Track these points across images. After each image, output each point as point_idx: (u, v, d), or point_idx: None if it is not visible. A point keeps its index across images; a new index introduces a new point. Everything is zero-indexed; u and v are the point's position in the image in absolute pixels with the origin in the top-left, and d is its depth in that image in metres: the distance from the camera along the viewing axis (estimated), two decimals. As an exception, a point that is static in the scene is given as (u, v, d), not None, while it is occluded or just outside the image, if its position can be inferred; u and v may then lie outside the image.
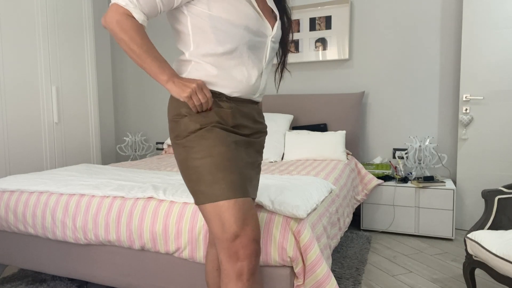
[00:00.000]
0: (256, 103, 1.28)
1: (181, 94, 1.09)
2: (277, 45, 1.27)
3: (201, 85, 1.10)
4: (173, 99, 1.18)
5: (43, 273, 2.30)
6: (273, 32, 1.22)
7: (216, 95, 1.16)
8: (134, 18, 1.07)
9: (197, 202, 1.11)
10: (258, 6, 1.19)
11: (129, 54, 1.07)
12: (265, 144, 3.10)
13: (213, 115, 1.15)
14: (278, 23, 1.24)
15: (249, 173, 1.23)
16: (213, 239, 1.35)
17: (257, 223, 1.12)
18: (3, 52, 2.81)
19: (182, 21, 1.13)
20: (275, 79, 1.38)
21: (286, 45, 1.34)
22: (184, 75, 1.17)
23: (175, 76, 1.10)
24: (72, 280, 2.18)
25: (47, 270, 1.97)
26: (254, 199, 1.34)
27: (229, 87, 1.16)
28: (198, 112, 1.13)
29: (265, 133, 1.34)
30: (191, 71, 1.15)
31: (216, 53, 1.13)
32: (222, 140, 1.13)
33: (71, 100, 3.38)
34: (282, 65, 1.37)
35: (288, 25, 1.32)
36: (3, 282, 2.18)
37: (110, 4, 1.07)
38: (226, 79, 1.15)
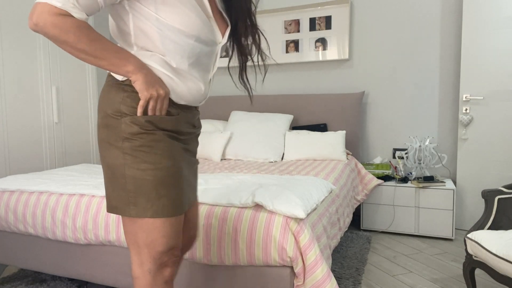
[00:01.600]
0: (197, 107, 1.22)
1: (147, 90, 0.98)
2: (223, 51, 1.21)
3: (167, 95, 1.03)
4: (112, 91, 1.05)
5: (43, 273, 2.30)
6: (224, 40, 1.15)
7: None
8: (72, 16, 0.91)
9: (126, 214, 1.04)
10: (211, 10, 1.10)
11: (79, 55, 0.93)
12: (264, 144, 3.10)
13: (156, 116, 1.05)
14: (228, 30, 1.17)
15: (190, 180, 1.17)
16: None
17: (181, 241, 1.15)
18: (3, 52, 2.81)
19: (124, 18, 1.01)
20: (241, 86, 1.33)
21: (244, 50, 1.26)
22: None
23: (143, 67, 0.99)
24: (72, 280, 2.18)
25: (47, 270, 1.97)
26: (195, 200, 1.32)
27: (176, 96, 1.08)
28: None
29: (199, 134, 1.28)
30: None
31: (162, 61, 1.03)
32: (169, 152, 1.05)
33: (71, 100, 3.38)
34: (243, 72, 1.29)
35: (251, 28, 1.24)
36: (3, 282, 2.18)
37: (36, 3, 0.89)
38: (174, 88, 1.07)
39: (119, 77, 1.04)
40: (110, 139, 1.04)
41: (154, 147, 1.03)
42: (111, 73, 1.07)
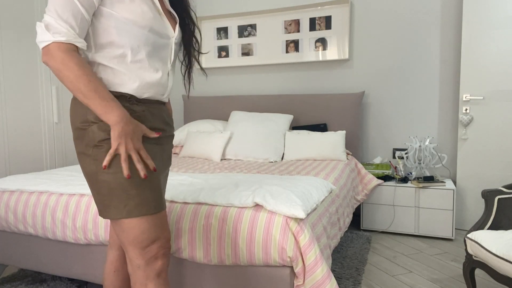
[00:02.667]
0: (164, 103, 1.27)
1: (116, 140, 1.03)
2: (178, 47, 1.27)
3: (136, 150, 1.06)
4: (78, 103, 1.11)
5: (43, 273, 2.30)
6: (175, 33, 1.22)
7: (126, 99, 1.11)
8: (77, 52, 1.03)
9: (107, 216, 1.10)
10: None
11: (73, 91, 1.02)
12: (264, 144, 3.10)
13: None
14: (178, 25, 1.24)
15: (163, 182, 1.21)
16: (114, 242, 1.36)
17: (169, 228, 1.19)
18: (3, 52, 2.81)
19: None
20: (184, 84, 1.36)
21: (190, 48, 1.31)
22: None
23: (123, 119, 1.04)
24: (72, 280, 2.18)
25: (47, 270, 1.97)
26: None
27: (138, 88, 1.13)
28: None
29: (173, 136, 1.32)
30: (98, 74, 1.10)
31: (122, 54, 1.09)
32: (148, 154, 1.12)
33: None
34: (188, 68, 1.34)
35: (191, 28, 1.31)
36: (3, 282, 2.18)
37: (47, 43, 1.00)
38: (135, 80, 1.12)
39: None
40: (83, 149, 1.11)
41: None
42: None
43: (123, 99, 1.11)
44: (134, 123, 1.07)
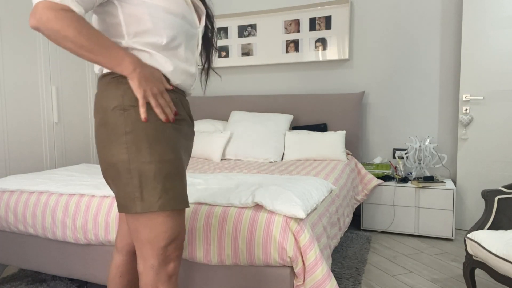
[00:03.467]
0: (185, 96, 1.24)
1: (140, 86, 0.98)
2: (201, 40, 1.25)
3: (163, 91, 1.03)
4: (111, 88, 1.05)
5: (43, 273, 2.30)
6: (201, 24, 1.20)
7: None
8: (73, 11, 0.93)
9: (132, 210, 1.01)
10: None
11: (77, 51, 0.93)
12: (264, 144, 3.10)
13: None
14: (204, 16, 1.22)
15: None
16: (123, 246, 1.29)
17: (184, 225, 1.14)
18: (3, 52, 2.81)
19: (112, 12, 1.03)
20: (201, 80, 1.36)
21: (209, 44, 1.30)
22: None
23: (138, 64, 0.99)
24: (72, 280, 2.18)
25: (47, 270, 1.97)
26: None
27: (173, 72, 1.10)
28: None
29: (194, 134, 1.28)
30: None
31: (157, 42, 1.05)
32: (173, 144, 1.06)
33: (71, 100, 3.38)
34: (208, 64, 1.33)
35: (210, 22, 1.29)
36: (3, 282, 2.18)
37: (36, 2, 0.91)
38: (170, 64, 1.09)
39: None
40: (111, 136, 1.02)
41: (158, 138, 1.02)
42: (107, 71, 1.08)
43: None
44: (149, 66, 1.02)
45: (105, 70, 1.08)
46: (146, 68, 1.01)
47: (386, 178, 3.04)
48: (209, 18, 1.29)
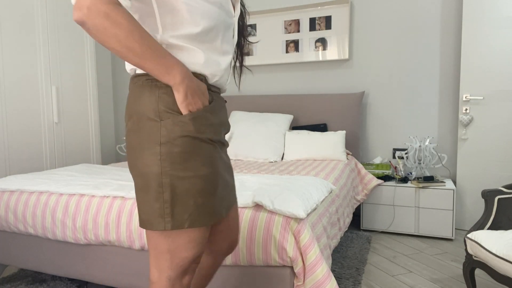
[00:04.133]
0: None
1: (185, 100, 0.93)
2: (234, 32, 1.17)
3: (205, 107, 0.98)
4: (145, 92, 0.96)
5: (43, 273, 2.30)
6: (236, 12, 1.13)
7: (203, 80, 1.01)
8: (122, 6, 0.85)
9: (159, 227, 0.95)
10: None
11: (123, 53, 0.84)
12: (264, 144, 3.10)
13: (200, 117, 0.98)
14: (238, 5, 1.15)
15: (228, 182, 1.09)
16: (218, 250, 1.25)
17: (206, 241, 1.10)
18: (3, 52, 2.81)
19: (146, 2, 0.94)
20: (234, 76, 1.32)
21: (243, 36, 1.23)
22: None
23: (186, 76, 0.92)
24: (72, 280, 2.18)
25: (47, 270, 1.97)
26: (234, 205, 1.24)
27: (210, 71, 1.01)
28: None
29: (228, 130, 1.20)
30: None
31: (193, 33, 0.96)
32: (209, 158, 0.99)
33: (71, 100, 3.39)
34: (241, 57, 1.25)
35: (244, 14, 1.22)
36: (3, 282, 2.18)
37: None
38: (207, 60, 1.00)
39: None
40: (143, 145, 0.94)
41: (194, 152, 0.95)
42: (141, 71, 0.99)
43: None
44: (195, 78, 0.95)
45: (139, 71, 0.99)
46: (193, 81, 0.94)
47: (386, 178, 3.04)
48: (243, 6, 1.22)
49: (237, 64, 1.27)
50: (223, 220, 1.20)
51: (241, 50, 1.23)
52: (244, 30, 1.23)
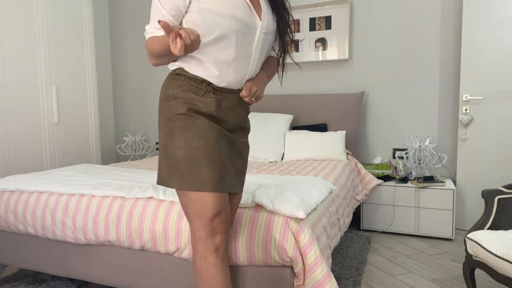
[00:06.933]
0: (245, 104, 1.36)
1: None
2: (270, 37, 1.30)
3: (195, 41, 1.06)
4: (167, 80, 1.27)
5: (43, 273, 2.30)
6: (262, 23, 1.24)
7: (206, 84, 1.23)
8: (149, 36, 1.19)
9: (169, 185, 1.21)
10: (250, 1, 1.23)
11: (154, 62, 1.19)
12: (264, 144, 3.10)
13: (199, 101, 1.22)
14: (266, 15, 1.26)
15: (231, 169, 1.28)
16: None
17: (229, 210, 1.26)
18: (3, 52, 2.81)
19: (181, 22, 1.21)
20: (278, 74, 1.45)
21: (285, 37, 1.35)
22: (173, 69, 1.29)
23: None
24: (72, 280, 2.18)
25: (47, 270, 1.97)
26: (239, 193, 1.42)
27: (218, 76, 1.22)
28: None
29: (248, 130, 1.40)
30: (184, 67, 1.25)
31: (205, 42, 1.17)
32: (203, 133, 1.20)
33: (71, 100, 3.38)
34: (282, 59, 1.39)
35: (286, 18, 1.33)
36: (3, 282, 2.18)
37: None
38: (215, 66, 1.21)
39: (172, 67, 1.27)
40: (160, 121, 1.26)
41: (189, 127, 1.19)
42: (173, 69, 1.28)
43: (202, 82, 1.22)
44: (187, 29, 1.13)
45: (171, 67, 1.28)
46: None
47: (386, 178, 3.04)
48: (282, 10, 1.31)
49: (280, 62, 1.40)
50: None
51: (284, 47, 1.35)
52: (286, 30, 1.33)
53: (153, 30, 1.20)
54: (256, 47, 1.26)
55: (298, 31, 3.58)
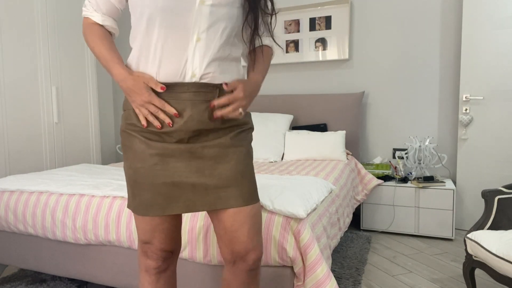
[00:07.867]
0: (216, 86, 1.05)
1: (129, 99, 1.06)
2: (226, 11, 1.01)
3: (151, 100, 1.01)
4: None
5: (43, 273, 2.30)
6: None
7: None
8: (97, 24, 1.10)
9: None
10: None
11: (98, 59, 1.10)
12: (264, 144, 3.10)
13: (135, 113, 1.06)
14: None
15: (185, 187, 1.06)
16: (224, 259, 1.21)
17: (165, 236, 1.16)
18: (3, 52, 2.81)
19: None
20: (252, 67, 1.16)
21: (257, 11, 1.07)
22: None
23: (122, 78, 1.04)
24: (72, 280, 2.18)
25: (47, 270, 1.97)
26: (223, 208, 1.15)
27: (158, 70, 1.03)
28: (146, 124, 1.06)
29: (237, 127, 1.11)
30: (133, 59, 1.11)
31: (133, 26, 1.07)
32: (139, 155, 1.06)
33: (71, 100, 3.38)
34: (253, 35, 1.09)
35: None
36: (3, 282, 2.18)
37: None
38: (146, 57, 1.03)
39: None
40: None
41: (127, 147, 1.10)
42: None
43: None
44: (133, 78, 1.03)
45: None
46: (128, 79, 1.04)
47: (386, 178, 3.04)
48: None
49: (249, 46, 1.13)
50: (216, 223, 1.11)
51: (255, 26, 1.08)
52: (258, 6, 1.07)
53: (91, 8, 1.10)
54: (198, 25, 0.99)
55: (298, 31, 3.58)
